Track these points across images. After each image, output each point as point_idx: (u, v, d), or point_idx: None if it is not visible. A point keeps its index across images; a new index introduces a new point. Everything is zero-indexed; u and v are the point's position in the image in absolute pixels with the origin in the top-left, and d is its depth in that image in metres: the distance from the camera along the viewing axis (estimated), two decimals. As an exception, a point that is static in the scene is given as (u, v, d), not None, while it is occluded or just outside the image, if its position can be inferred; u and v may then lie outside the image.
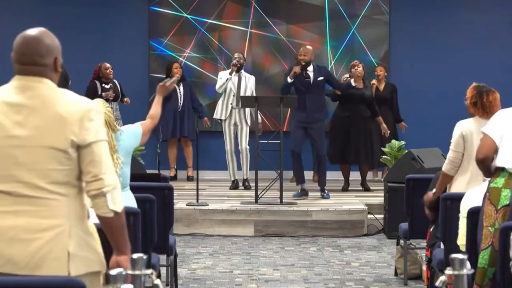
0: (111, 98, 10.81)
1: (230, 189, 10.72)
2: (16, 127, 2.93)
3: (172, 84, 5.48)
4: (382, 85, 11.43)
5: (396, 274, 6.96)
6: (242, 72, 10.77)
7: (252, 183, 9.76)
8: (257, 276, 7.00)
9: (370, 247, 8.32)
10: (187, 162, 11.78)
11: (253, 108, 9.83)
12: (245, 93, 10.59)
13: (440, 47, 12.18)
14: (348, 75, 10.52)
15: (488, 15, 12.15)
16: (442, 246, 5.40)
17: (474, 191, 4.81)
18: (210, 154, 12.05)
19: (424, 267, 6.37)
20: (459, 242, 4.78)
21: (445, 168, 5.84)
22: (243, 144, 10.75)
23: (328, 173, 10.23)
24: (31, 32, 3.05)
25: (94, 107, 3.01)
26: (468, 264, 2.72)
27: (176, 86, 11.36)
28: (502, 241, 4.17)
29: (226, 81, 10.62)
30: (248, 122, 10.67)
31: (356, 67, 10.49)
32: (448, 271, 2.70)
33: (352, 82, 10.44)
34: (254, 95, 10.40)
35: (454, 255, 2.70)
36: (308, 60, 9.70)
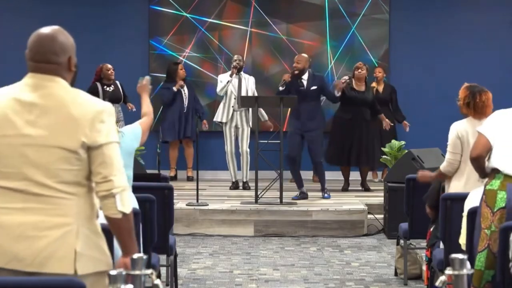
0: (130, 109, 10.85)
1: (230, 189, 10.73)
2: (28, 126, 2.94)
3: (147, 83, 5.48)
4: (381, 87, 11.42)
5: (396, 274, 6.96)
6: (242, 74, 10.76)
7: (252, 183, 9.75)
8: (257, 276, 7.00)
9: (370, 247, 8.32)
10: (187, 163, 11.78)
11: (257, 110, 9.79)
12: (246, 94, 10.59)
13: (440, 47, 12.18)
14: (348, 77, 10.50)
15: (488, 15, 12.15)
16: (442, 246, 5.40)
17: (479, 191, 4.81)
18: (210, 155, 12.06)
19: (424, 267, 6.37)
20: (461, 241, 4.78)
21: (444, 169, 5.84)
22: (244, 147, 10.75)
23: (328, 173, 10.24)
24: (46, 30, 3.04)
25: (106, 109, 3.01)
26: (468, 264, 2.72)
27: (181, 88, 11.38)
28: (502, 242, 4.17)
29: (227, 84, 10.63)
30: (250, 124, 10.65)
31: (360, 70, 10.48)
32: (448, 271, 2.70)
33: (354, 85, 10.42)
34: (254, 95, 10.40)
35: (454, 255, 2.70)
36: (302, 68, 9.66)
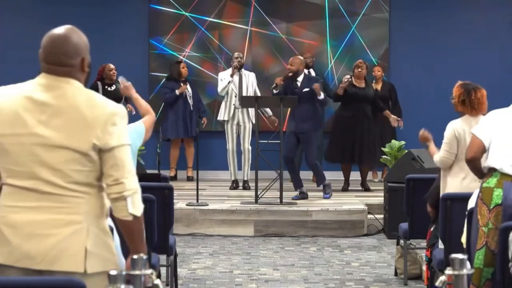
0: (129, 111, 10.84)
1: (230, 189, 10.73)
2: (39, 125, 2.93)
3: (125, 83, 5.50)
4: (380, 85, 11.43)
5: (396, 274, 6.96)
6: (242, 71, 10.77)
7: (252, 183, 9.75)
8: (257, 276, 7.00)
9: (370, 247, 8.32)
10: (188, 163, 11.77)
11: (257, 109, 9.79)
12: (247, 91, 10.61)
13: (440, 47, 12.18)
14: (350, 76, 10.51)
15: (488, 15, 12.15)
16: (442, 246, 5.40)
17: None
18: (210, 154, 12.06)
19: (424, 267, 6.37)
20: (463, 240, 4.78)
21: (437, 164, 5.94)
22: (246, 144, 10.75)
23: (328, 173, 10.24)
24: (59, 31, 3.03)
25: (119, 112, 3.01)
26: (468, 264, 2.72)
27: (185, 90, 11.38)
28: (502, 241, 4.17)
29: (228, 84, 10.63)
30: (253, 121, 10.63)
31: (360, 69, 10.48)
32: (448, 271, 2.70)
33: (354, 82, 10.43)
34: (254, 95, 10.41)
35: (454, 255, 2.69)
36: (296, 70, 9.65)
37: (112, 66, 11.03)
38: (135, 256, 2.71)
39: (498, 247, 4.24)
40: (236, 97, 10.60)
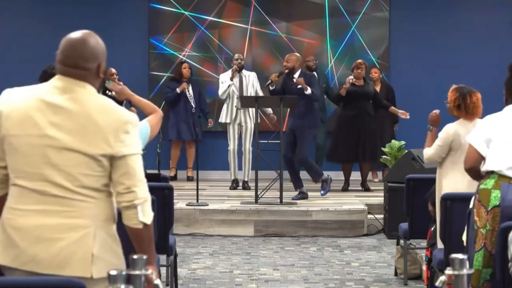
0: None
1: (230, 189, 10.73)
2: (51, 128, 2.93)
3: (117, 86, 5.49)
4: (378, 86, 11.41)
5: (396, 274, 6.96)
6: (242, 72, 10.77)
7: (252, 183, 9.75)
8: (257, 276, 7.00)
9: (370, 247, 8.32)
10: (188, 163, 11.77)
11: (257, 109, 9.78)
12: (248, 92, 10.61)
13: (440, 47, 12.18)
14: (352, 78, 10.50)
15: (488, 15, 12.15)
16: (441, 246, 5.40)
17: None
18: (210, 154, 12.05)
19: (424, 267, 6.37)
20: (464, 238, 4.78)
21: (424, 155, 6.12)
22: (247, 145, 10.76)
23: (329, 173, 10.21)
24: (78, 35, 3.04)
25: (132, 120, 3.02)
26: (468, 264, 2.72)
27: (185, 89, 11.38)
28: (501, 242, 4.17)
29: (228, 87, 10.64)
30: (253, 120, 10.61)
31: (360, 70, 10.49)
32: (448, 271, 2.69)
33: (353, 81, 10.43)
34: (254, 96, 10.40)
35: (454, 255, 2.69)
36: (291, 67, 9.62)
37: (114, 71, 10.79)
38: (135, 256, 2.71)
39: (496, 248, 4.24)
40: (238, 99, 10.61)
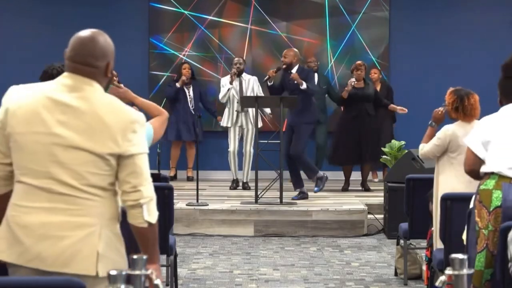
0: None
1: (230, 189, 10.73)
2: (59, 126, 2.93)
3: (116, 89, 5.48)
4: (378, 87, 11.41)
5: (396, 274, 6.96)
6: (242, 76, 10.76)
7: (252, 183, 9.75)
8: (257, 276, 7.00)
9: (370, 247, 8.32)
10: (188, 163, 11.77)
11: (257, 111, 9.77)
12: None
13: (440, 47, 12.18)
14: (354, 79, 10.51)
15: (488, 15, 12.15)
16: (439, 245, 5.40)
17: None
18: (210, 155, 12.05)
19: (424, 267, 6.37)
20: (464, 237, 4.78)
21: (420, 151, 6.10)
22: (248, 147, 10.76)
23: (329, 173, 10.22)
24: (88, 33, 3.06)
25: (139, 119, 3.01)
26: (468, 264, 2.72)
27: (185, 88, 11.37)
28: (501, 242, 4.17)
29: (228, 91, 10.65)
30: (252, 123, 10.61)
31: (360, 72, 10.50)
32: (448, 271, 2.69)
33: (355, 83, 10.44)
34: (254, 96, 10.39)
35: (454, 255, 2.69)
36: (289, 62, 9.61)
37: (114, 73, 10.86)
38: (135, 256, 2.71)
39: (497, 248, 4.23)
40: (238, 103, 10.61)
